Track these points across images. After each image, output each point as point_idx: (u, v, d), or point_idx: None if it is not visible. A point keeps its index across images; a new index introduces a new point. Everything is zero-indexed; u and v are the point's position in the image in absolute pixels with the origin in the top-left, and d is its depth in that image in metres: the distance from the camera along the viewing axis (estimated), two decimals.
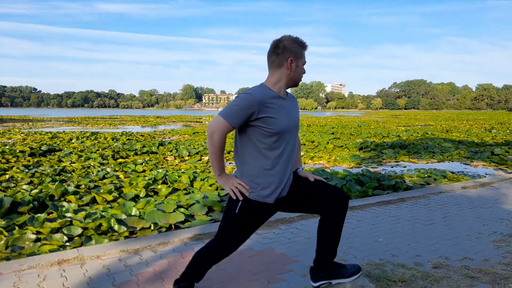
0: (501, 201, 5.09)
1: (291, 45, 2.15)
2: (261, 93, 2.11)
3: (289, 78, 2.20)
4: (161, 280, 2.76)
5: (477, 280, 2.74)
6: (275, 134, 2.12)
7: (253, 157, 2.17)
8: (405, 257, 3.16)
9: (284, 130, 2.16)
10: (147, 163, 9.34)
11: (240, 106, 2.06)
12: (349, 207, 4.72)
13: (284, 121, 2.15)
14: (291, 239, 3.59)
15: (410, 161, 10.41)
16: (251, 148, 2.17)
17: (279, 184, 2.21)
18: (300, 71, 2.22)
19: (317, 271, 2.43)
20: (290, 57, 2.15)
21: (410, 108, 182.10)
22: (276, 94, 2.17)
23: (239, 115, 2.06)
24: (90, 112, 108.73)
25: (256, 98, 2.06)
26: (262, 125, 2.10)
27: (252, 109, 2.06)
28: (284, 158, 2.20)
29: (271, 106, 2.11)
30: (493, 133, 19.57)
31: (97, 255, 3.20)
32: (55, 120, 43.07)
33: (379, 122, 34.91)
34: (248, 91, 2.12)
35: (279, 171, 2.20)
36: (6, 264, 3.02)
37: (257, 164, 2.17)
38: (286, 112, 2.19)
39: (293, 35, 2.20)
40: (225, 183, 2.20)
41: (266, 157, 2.16)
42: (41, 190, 5.92)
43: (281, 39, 2.18)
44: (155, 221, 4.45)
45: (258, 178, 2.18)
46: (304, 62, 2.23)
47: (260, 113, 2.08)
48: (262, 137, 2.13)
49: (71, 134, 19.29)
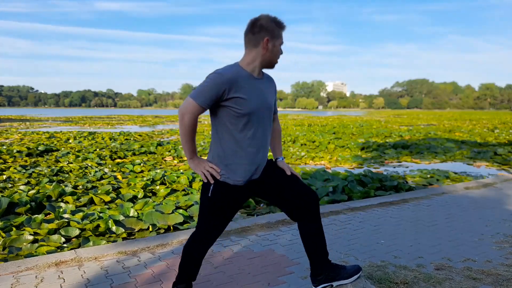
0: (504, 201, 5.05)
1: (268, 24, 2.10)
2: (231, 72, 2.06)
3: (264, 58, 2.15)
4: (159, 282, 2.72)
5: (479, 281, 2.70)
6: (245, 115, 2.09)
7: (224, 139, 2.15)
8: (407, 259, 3.12)
9: (255, 112, 2.12)
10: (145, 163, 9.30)
11: (209, 86, 2.02)
12: (351, 208, 4.68)
13: (255, 102, 2.12)
14: (291, 241, 3.55)
15: (412, 162, 10.36)
16: (222, 129, 2.14)
17: (250, 167, 2.18)
18: (276, 52, 2.17)
19: (316, 275, 2.41)
20: (267, 36, 2.10)
21: (413, 107, 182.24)
22: (249, 74, 2.13)
23: (208, 95, 2.03)
24: (88, 111, 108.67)
25: (225, 77, 2.03)
26: (232, 105, 2.06)
27: (222, 88, 2.02)
28: (256, 141, 2.17)
29: (242, 86, 2.07)
30: (496, 133, 19.53)
31: (95, 256, 3.16)
32: (52, 119, 43.02)
33: (381, 122, 34.89)
34: (219, 70, 2.08)
35: (250, 153, 2.16)
36: (4, 265, 2.99)
37: (228, 146, 2.14)
38: (258, 93, 2.15)
39: (271, 15, 2.15)
40: (196, 167, 2.18)
41: (236, 139, 2.13)
42: (38, 191, 5.90)
43: (259, 17, 2.13)
44: (154, 222, 4.42)
45: (228, 160, 2.15)
46: (281, 42, 2.18)
47: (230, 93, 2.04)
48: (232, 118, 2.09)
49: (68, 134, 19.25)
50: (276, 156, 2.50)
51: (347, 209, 4.66)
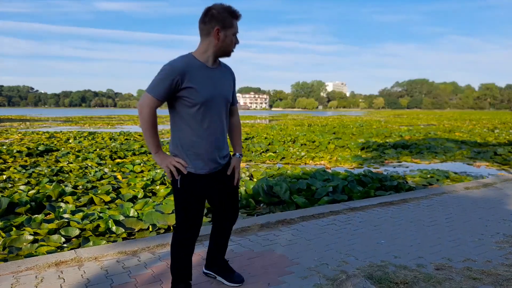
0: (504, 201, 5.05)
1: (219, 14, 2.11)
2: (182, 63, 2.09)
3: (217, 48, 2.16)
4: (159, 282, 2.72)
5: (479, 281, 2.70)
6: (199, 104, 2.11)
7: (182, 130, 2.18)
8: (407, 259, 3.12)
9: (209, 101, 2.14)
10: (145, 163, 9.30)
11: (162, 78, 2.05)
12: (351, 208, 4.68)
13: (208, 92, 2.13)
14: (291, 241, 3.55)
15: (412, 162, 10.36)
16: (179, 120, 2.18)
17: (209, 155, 2.22)
18: (229, 41, 2.17)
19: (211, 264, 2.69)
20: (217, 26, 2.11)
21: (413, 107, 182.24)
22: (201, 63, 2.15)
23: (162, 87, 2.05)
24: (88, 111, 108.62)
25: (176, 68, 2.05)
26: (185, 95, 2.09)
27: (174, 79, 2.04)
28: (212, 130, 2.19)
29: (194, 75, 2.09)
30: (496, 133, 19.52)
31: (95, 256, 3.16)
32: (52, 119, 43.04)
33: (381, 122, 34.89)
34: (170, 61, 2.11)
35: (208, 143, 2.19)
36: (4, 265, 2.99)
37: (186, 136, 2.17)
38: (212, 83, 2.16)
39: (226, 4, 2.15)
40: (162, 161, 2.19)
41: (193, 129, 2.16)
42: (39, 191, 5.90)
43: (211, 7, 2.15)
44: (154, 222, 4.42)
45: (188, 150, 2.19)
46: (234, 32, 2.18)
47: (183, 83, 2.06)
48: (186, 108, 2.12)
49: (68, 134, 19.25)
50: (234, 152, 2.51)
51: (347, 209, 4.66)
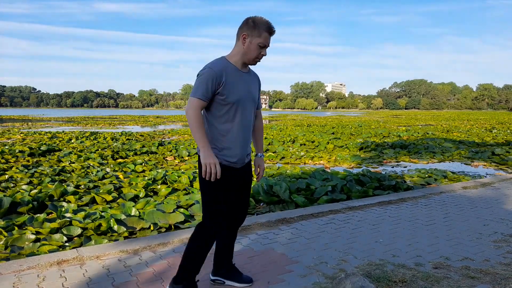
0: (502, 201, 5.08)
1: (252, 23, 2.28)
2: (220, 65, 2.27)
3: (243, 53, 2.33)
4: (160, 280, 2.75)
5: (477, 280, 2.73)
6: (231, 103, 2.29)
7: (213, 125, 2.33)
8: (406, 258, 3.15)
9: (240, 101, 2.32)
10: (147, 163, 9.33)
11: (204, 80, 2.23)
12: (350, 207, 4.72)
13: (240, 92, 2.32)
14: (291, 240, 3.59)
15: (410, 161, 10.40)
16: (211, 116, 2.32)
17: (237, 151, 2.37)
18: (253, 49, 2.30)
19: (219, 267, 2.66)
20: (245, 32, 2.29)
21: (411, 108, 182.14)
22: (234, 66, 2.34)
23: (205, 88, 2.23)
24: (90, 112, 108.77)
25: (215, 70, 2.24)
26: (220, 95, 2.27)
27: (214, 80, 2.22)
28: (241, 128, 2.36)
29: (230, 77, 2.28)
30: (493, 133, 19.56)
31: (96, 255, 3.19)
32: (54, 120, 43.08)
33: (380, 122, 34.91)
34: (208, 65, 2.27)
35: (237, 139, 2.35)
36: (6, 264, 3.01)
37: (217, 131, 2.32)
38: (243, 84, 2.36)
39: (265, 18, 2.31)
40: (206, 158, 2.23)
41: (224, 125, 2.31)
42: (41, 190, 5.91)
43: (250, 17, 2.32)
44: (155, 222, 4.45)
45: (219, 144, 2.33)
46: (260, 42, 2.29)
47: (221, 84, 2.25)
48: (220, 106, 2.29)
49: (70, 134, 19.28)
50: (257, 152, 2.67)
51: (346, 208, 4.70)
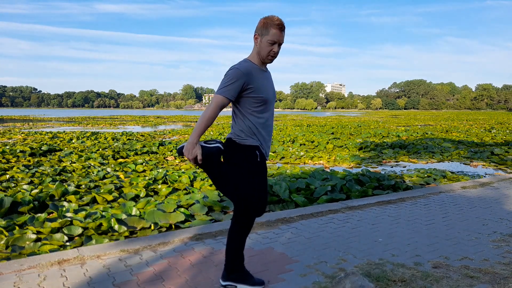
0: (501, 201, 5.09)
1: (260, 23, 2.40)
2: (246, 66, 2.37)
3: (256, 52, 2.46)
4: (161, 280, 2.76)
5: (476, 280, 2.74)
6: (263, 102, 2.43)
7: (245, 120, 2.44)
8: (405, 257, 3.16)
9: (269, 99, 2.47)
10: (147, 163, 9.34)
11: (231, 80, 2.32)
12: (349, 207, 4.73)
13: (268, 91, 2.48)
14: (291, 239, 3.60)
15: (409, 161, 10.42)
16: (242, 113, 2.44)
17: (266, 143, 2.52)
18: (264, 47, 2.40)
19: (230, 272, 2.59)
20: (256, 32, 2.42)
21: (410, 108, 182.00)
22: (258, 67, 2.46)
23: (232, 88, 2.33)
24: (91, 112, 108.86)
25: (242, 71, 2.33)
26: (251, 94, 2.39)
27: (242, 81, 2.33)
28: (268, 123, 2.52)
29: (256, 77, 2.40)
30: (492, 133, 19.58)
31: (97, 255, 3.20)
32: (55, 120, 43.08)
33: (379, 122, 34.91)
34: (235, 66, 2.38)
35: (265, 134, 2.49)
36: (7, 264, 3.02)
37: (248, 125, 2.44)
38: (268, 83, 2.51)
39: (275, 16, 2.40)
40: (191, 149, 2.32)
41: (255, 121, 2.43)
42: (42, 190, 5.92)
43: (264, 17, 2.42)
44: (155, 221, 4.46)
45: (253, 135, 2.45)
46: (269, 39, 2.37)
47: (249, 84, 2.36)
48: (253, 104, 2.41)
49: (71, 134, 19.29)
50: None
51: (345, 207, 4.71)
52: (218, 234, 3.73)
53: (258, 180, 2.47)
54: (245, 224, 2.51)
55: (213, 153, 2.39)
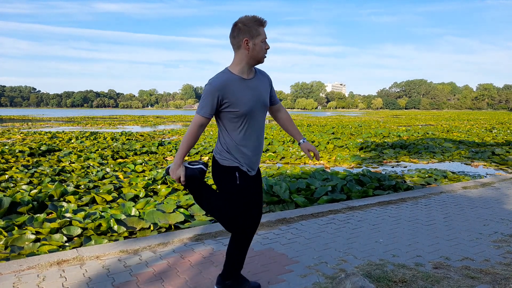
0: (502, 201, 5.08)
1: (245, 25, 2.22)
2: (221, 80, 2.22)
3: (249, 58, 2.27)
4: (160, 280, 2.75)
5: (477, 280, 2.73)
6: (241, 116, 2.26)
7: (227, 136, 2.32)
8: (406, 258, 3.15)
9: (249, 112, 2.28)
10: (147, 163, 9.33)
11: (206, 97, 2.23)
12: (350, 207, 4.72)
13: (248, 103, 2.27)
14: (291, 240, 3.59)
15: (410, 161, 10.40)
16: (224, 129, 2.32)
17: (251, 159, 2.36)
18: (259, 49, 2.26)
19: (225, 278, 2.51)
20: (245, 37, 2.22)
21: (411, 108, 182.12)
22: (238, 77, 2.27)
23: (207, 105, 2.22)
24: (90, 112, 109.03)
25: (216, 86, 2.20)
26: (227, 109, 2.24)
27: (215, 96, 2.20)
28: (254, 137, 2.35)
29: (233, 90, 2.23)
30: (494, 133, 19.57)
31: (96, 255, 3.19)
32: (54, 120, 43.13)
33: (380, 122, 34.92)
34: (210, 79, 2.25)
35: (249, 149, 2.34)
36: (6, 264, 3.02)
37: (231, 142, 2.31)
38: (250, 93, 2.30)
39: (250, 15, 2.24)
40: (176, 171, 2.29)
41: (237, 136, 2.30)
42: (41, 190, 5.91)
43: (237, 21, 2.25)
44: (155, 222, 4.45)
45: (236, 154, 2.32)
46: (262, 39, 2.26)
47: (224, 99, 2.22)
48: (231, 119, 2.27)
49: (70, 134, 19.30)
50: (298, 139, 2.63)
51: (346, 208, 4.70)
52: (218, 235, 3.72)
53: (244, 201, 2.35)
54: (242, 239, 2.44)
55: (195, 175, 2.34)
